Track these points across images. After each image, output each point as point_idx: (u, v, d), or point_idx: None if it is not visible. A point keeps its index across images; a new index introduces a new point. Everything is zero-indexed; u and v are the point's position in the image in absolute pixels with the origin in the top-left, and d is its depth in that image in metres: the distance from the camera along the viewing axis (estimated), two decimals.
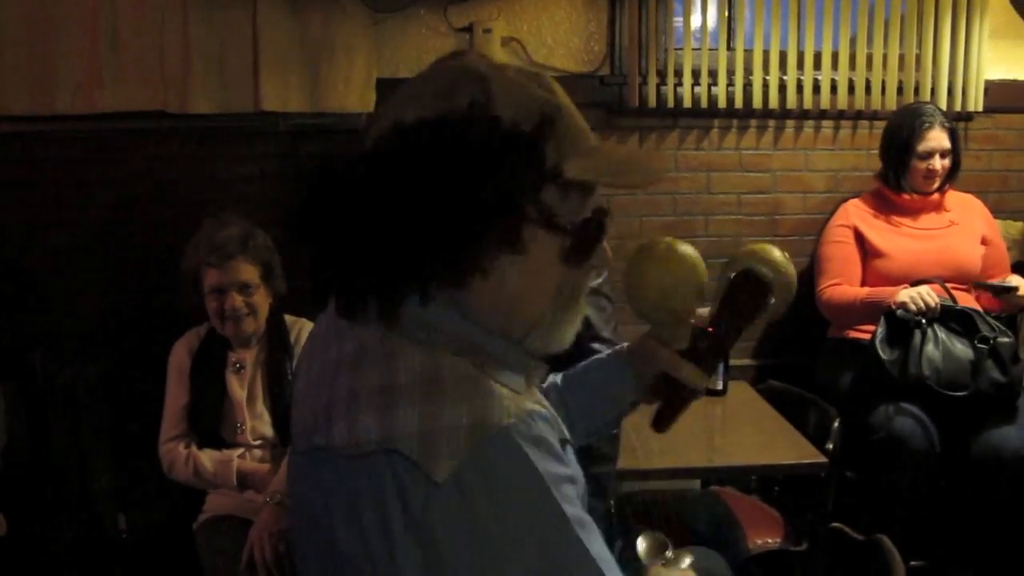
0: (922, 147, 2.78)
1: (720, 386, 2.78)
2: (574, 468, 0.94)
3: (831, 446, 2.44)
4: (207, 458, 2.33)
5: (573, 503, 0.87)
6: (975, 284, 2.76)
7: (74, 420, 2.89)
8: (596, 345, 1.89)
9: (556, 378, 1.27)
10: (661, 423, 1.21)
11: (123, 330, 2.93)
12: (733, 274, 1.18)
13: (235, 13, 2.80)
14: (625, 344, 1.26)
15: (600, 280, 1.79)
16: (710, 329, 1.18)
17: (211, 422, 2.37)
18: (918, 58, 3.14)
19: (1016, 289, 2.69)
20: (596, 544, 0.88)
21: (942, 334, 2.58)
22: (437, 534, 0.82)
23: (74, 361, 2.87)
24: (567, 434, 0.97)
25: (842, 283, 2.86)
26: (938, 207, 2.88)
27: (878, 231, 2.86)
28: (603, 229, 0.96)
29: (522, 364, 0.95)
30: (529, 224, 0.89)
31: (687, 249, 1.16)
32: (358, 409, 0.86)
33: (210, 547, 2.27)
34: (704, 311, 1.20)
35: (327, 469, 0.89)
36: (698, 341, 1.18)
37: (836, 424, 2.47)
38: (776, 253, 1.20)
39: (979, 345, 2.54)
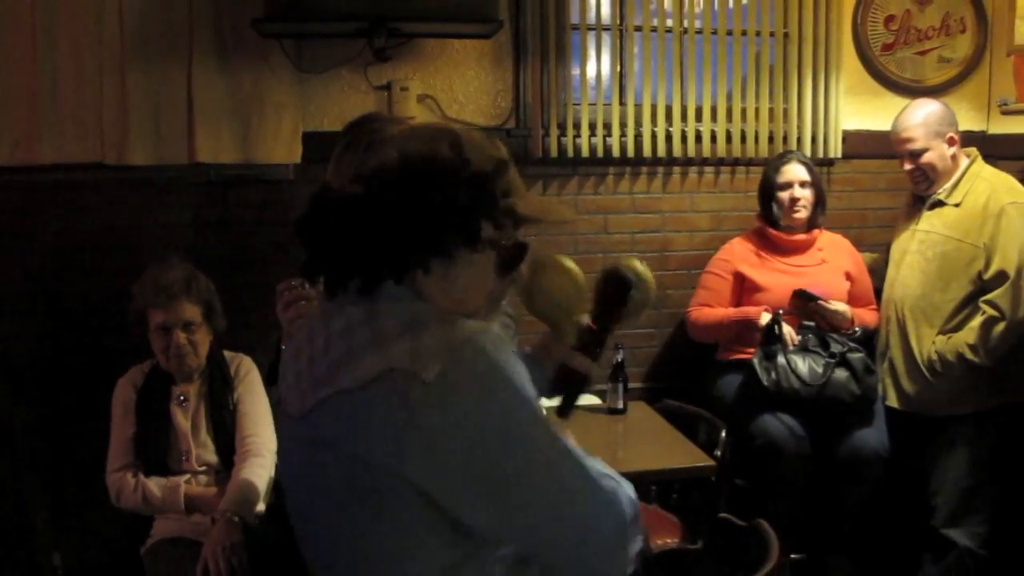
0: (782, 179, 3.11)
1: (621, 405, 3.05)
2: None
3: (719, 453, 2.71)
4: (155, 485, 2.44)
5: (527, 380, 1.15)
6: (796, 291, 3.02)
7: (11, 460, 2.96)
8: None
9: None
10: (564, 410, 1.55)
11: (60, 371, 3.00)
12: (603, 275, 1.55)
13: (171, 70, 2.92)
14: (527, 347, 1.56)
15: (504, 301, 2.09)
16: (592, 324, 1.52)
17: (158, 452, 2.49)
18: (785, 111, 3.46)
19: (817, 299, 2.98)
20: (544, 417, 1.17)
21: (803, 354, 2.91)
22: (433, 422, 1.08)
23: (11, 402, 2.94)
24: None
25: (710, 305, 3.16)
26: (810, 246, 3.17)
27: (757, 268, 3.14)
28: (524, 253, 1.27)
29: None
30: (485, 238, 1.19)
31: (572, 263, 1.54)
32: (358, 355, 1.12)
33: (159, 568, 2.38)
34: (584, 315, 1.55)
35: (335, 405, 1.13)
36: (583, 335, 1.53)
37: (723, 434, 2.74)
38: (636, 261, 1.58)
39: (829, 360, 2.88)
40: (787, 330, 2.95)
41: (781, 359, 2.89)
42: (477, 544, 1.15)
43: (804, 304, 3.01)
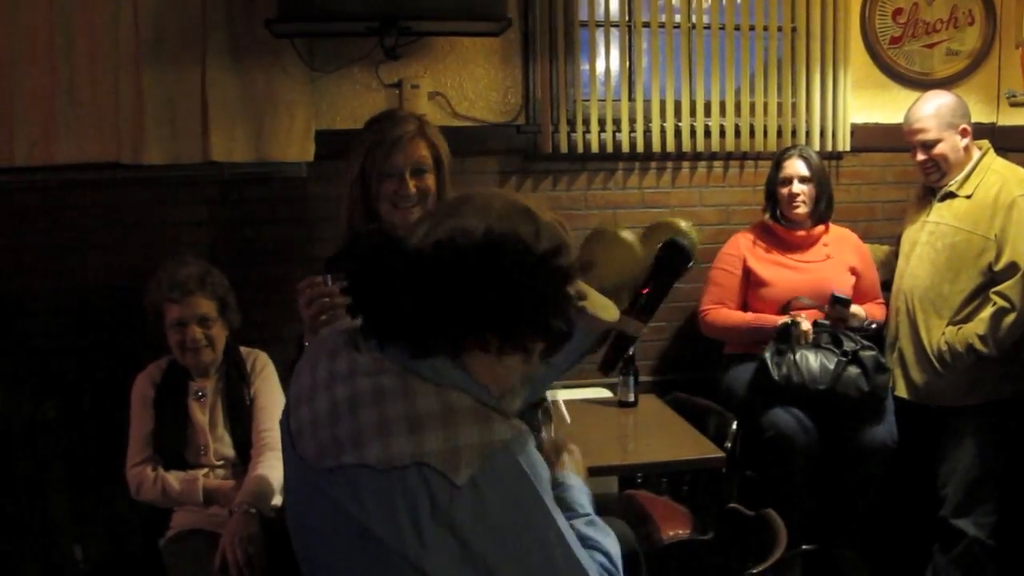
0: (782, 174, 3.11)
1: (632, 398, 3.07)
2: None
3: (729, 445, 2.71)
4: (174, 478, 2.48)
5: (549, 489, 1.18)
6: (833, 296, 3.03)
7: (33, 455, 2.99)
8: None
9: None
10: (608, 365, 1.66)
11: (80, 366, 3.04)
12: (660, 246, 1.60)
13: (185, 71, 2.95)
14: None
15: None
16: (644, 291, 1.58)
17: (176, 446, 2.53)
18: (794, 105, 3.46)
19: (847, 302, 3.00)
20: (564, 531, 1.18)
21: (816, 351, 2.92)
22: (460, 524, 1.09)
23: (32, 397, 2.97)
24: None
25: (722, 306, 3.16)
26: (814, 242, 3.16)
27: (762, 262, 3.14)
28: (568, 339, 1.23)
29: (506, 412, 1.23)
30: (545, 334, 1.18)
31: (628, 234, 1.62)
32: (390, 433, 1.11)
33: (178, 560, 2.41)
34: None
35: (362, 480, 1.12)
36: (637, 300, 1.59)
37: (734, 427, 2.75)
38: (683, 224, 1.67)
39: (842, 358, 2.89)
40: (805, 326, 2.96)
41: (791, 355, 2.90)
42: None
43: (841, 309, 3.01)
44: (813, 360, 2.89)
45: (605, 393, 3.22)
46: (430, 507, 1.09)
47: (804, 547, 2.94)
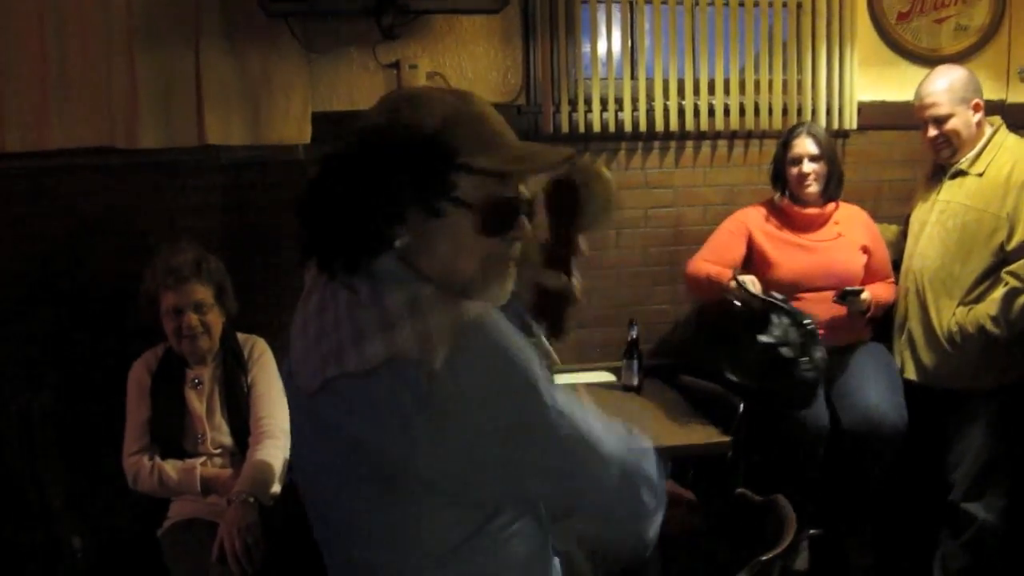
0: (791, 153, 3.04)
1: (635, 382, 3.04)
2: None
3: (736, 430, 2.70)
4: (171, 467, 2.46)
5: (534, 361, 1.13)
6: (842, 292, 2.96)
7: (30, 444, 2.97)
8: None
9: None
10: (555, 331, 1.50)
11: (75, 354, 3.01)
12: (547, 185, 1.48)
13: (179, 53, 2.91)
14: None
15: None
16: (547, 237, 1.48)
17: (173, 435, 2.50)
18: (799, 83, 3.41)
19: (856, 293, 2.93)
20: (558, 391, 1.15)
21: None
22: (442, 407, 1.06)
23: (28, 385, 2.95)
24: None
25: (710, 260, 3.08)
26: (825, 221, 3.10)
27: (770, 241, 3.08)
28: (511, 208, 1.21)
29: None
30: (443, 200, 1.15)
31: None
32: (363, 339, 1.10)
33: (176, 550, 2.40)
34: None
35: (344, 389, 1.12)
36: (546, 252, 1.47)
37: (740, 411, 2.70)
38: (585, 159, 1.51)
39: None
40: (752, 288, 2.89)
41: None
42: (489, 516, 1.16)
43: (855, 300, 2.95)
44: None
45: (608, 377, 3.19)
46: (412, 400, 1.06)
47: (811, 531, 2.90)
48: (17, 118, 2.86)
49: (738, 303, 2.90)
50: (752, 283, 2.89)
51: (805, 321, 2.78)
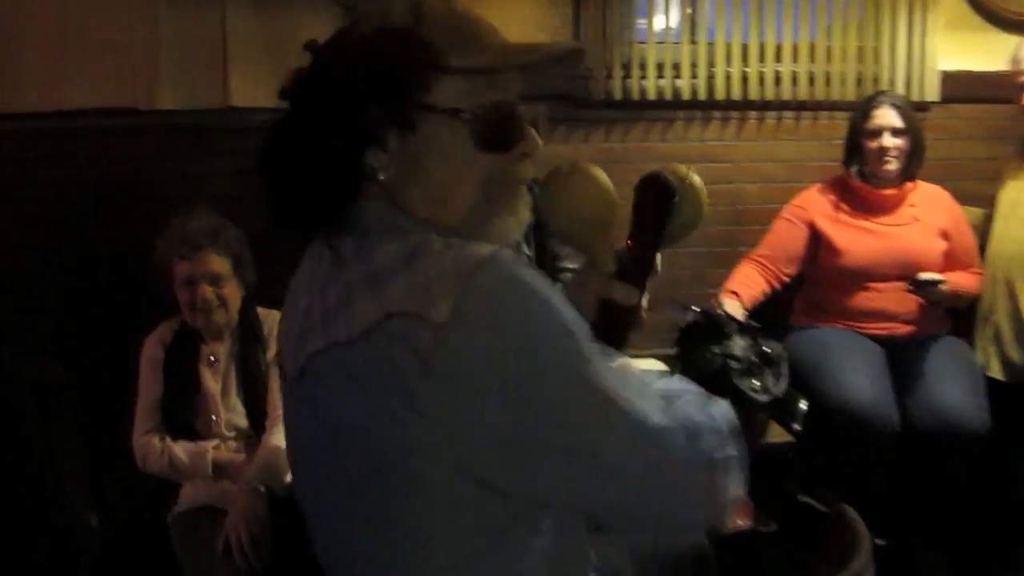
0: (870, 124, 2.80)
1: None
2: None
3: (798, 427, 2.50)
4: (181, 450, 2.32)
5: (565, 307, 0.92)
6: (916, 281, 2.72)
7: (44, 418, 2.87)
8: None
9: None
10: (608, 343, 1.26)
11: (90, 326, 2.91)
12: (639, 184, 1.24)
13: (204, 10, 2.81)
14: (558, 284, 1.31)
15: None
16: (630, 245, 1.23)
17: (185, 415, 2.36)
18: (875, 50, 3.21)
19: (933, 282, 2.67)
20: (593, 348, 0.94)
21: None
22: (451, 370, 0.85)
23: (42, 359, 2.85)
24: None
25: (768, 257, 2.90)
26: (900, 202, 2.86)
27: (836, 226, 2.86)
28: (511, 115, 1.01)
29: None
30: (421, 110, 0.96)
31: (593, 170, 1.23)
32: (352, 300, 0.92)
33: (186, 539, 2.25)
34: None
35: (328, 362, 0.93)
36: (622, 261, 1.23)
37: (801, 406, 2.50)
38: (680, 166, 1.27)
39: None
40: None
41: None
42: (515, 513, 0.94)
43: (933, 291, 2.69)
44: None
45: (658, 365, 2.96)
46: (413, 365, 0.86)
47: (877, 542, 2.67)
48: (34, 77, 2.77)
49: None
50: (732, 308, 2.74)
51: (766, 348, 2.58)
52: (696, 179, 1.27)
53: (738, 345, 2.57)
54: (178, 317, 2.45)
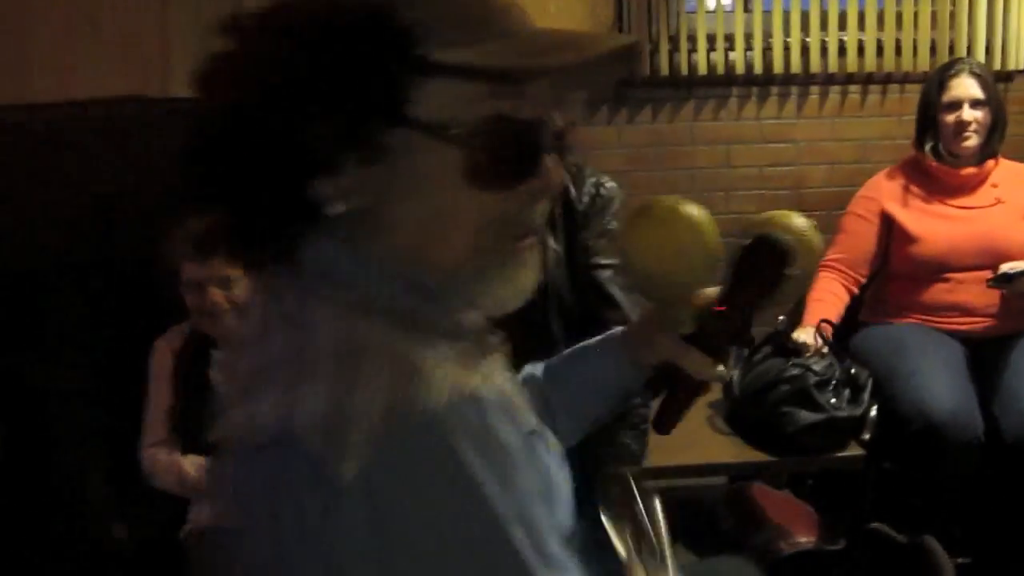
0: (947, 96, 2.56)
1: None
2: (543, 464, 0.78)
3: (867, 436, 2.30)
4: (190, 464, 2.21)
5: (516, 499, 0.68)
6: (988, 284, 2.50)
7: (68, 427, 2.81)
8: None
9: (536, 369, 1.10)
10: (663, 423, 1.05)
11: (110, 330, 2.76)
12: (747, 241, 0.99)
13: None
14: (619, 328, 1.08)
15: None
16: (720, 308, 1.00)
17: (196, 427, 2.22)
18: (952, 14, 3.00)
19: (1019, 274, 2.43)
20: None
21: None
22: (337, 546, 0.65)
23: (62, 364, 2.74)
24: (535, 424, 0.80)
25: (843, 261, 2.67)
26: (981, 182, 2.63)
27: (910, 211, 2.63)
28: (527, 138, 0.74)
29: (457, 327, 0.76)
30: (392, 126, 0.70)
31: (693, 210, 0.98)
32: (256, 390, 0.70)
33: (196, 561, 2.16)
34: (712, 290, 1.02)
35: (220, 460, 0.73)
36: (706, 324, 1.00)
37: (872, 414, 2.33)
38: (798, 219, 1.04)
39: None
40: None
41: None
42: None
43: (1013, 281, 2.46)
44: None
45: None
46: (296, 514, 0.65)
47: (959, 561, 2.45)
48: (44, 65, 2.71)
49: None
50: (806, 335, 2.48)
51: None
52: (812, 233, 1.05)
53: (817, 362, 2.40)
54: (188, 321, 2.33)
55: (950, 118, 2.54)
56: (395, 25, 0.68)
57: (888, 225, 2.64)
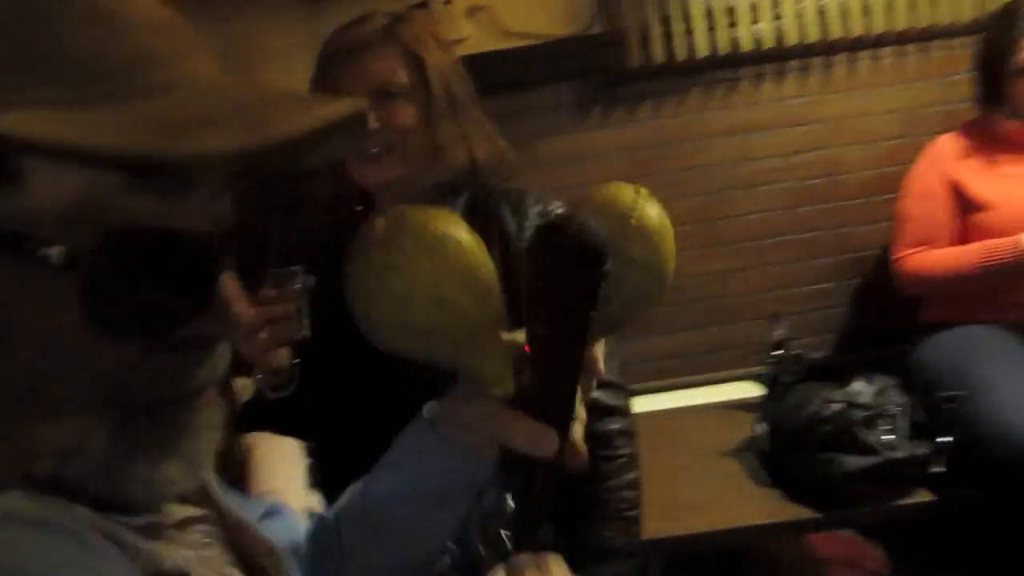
0: (1019, 59, 2.14)
1: None
2: None
3: (937, 470, 1.91)
4: None
5: None
6: None
7: None
8: (598, 394, 1.37)
9: (326, 514, 0.79)
10: (526, 526, 0.68)
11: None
12: (525, 241, 0.65)
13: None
14: (424, 408, 0.73)
15: None
16: (528, 350, 0.65)
17: None
18: None
19: None
20: None
21: None
22: None
23: None
24: None
25: (930, 246, 2.27)
26: None
27: (979, 175, 2.26)
28: (179, 256, 0.49)
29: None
30: None
31: (438, 220, 0.65)
32: None
33: None
34: (518, 331, 0.67)
35: None
36: (524, 376, 0.66)
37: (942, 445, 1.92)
38: (623, 190, 0.69)
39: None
40: None
41: None
42: None
43: None
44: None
45: (746, 391, 2.43)
46: None
47: None
48: None
49: None
50: None
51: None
52: (651, 211, 0.68)
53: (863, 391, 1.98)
54: None
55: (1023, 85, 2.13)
56: None
57: (959, 196, 2.26)
